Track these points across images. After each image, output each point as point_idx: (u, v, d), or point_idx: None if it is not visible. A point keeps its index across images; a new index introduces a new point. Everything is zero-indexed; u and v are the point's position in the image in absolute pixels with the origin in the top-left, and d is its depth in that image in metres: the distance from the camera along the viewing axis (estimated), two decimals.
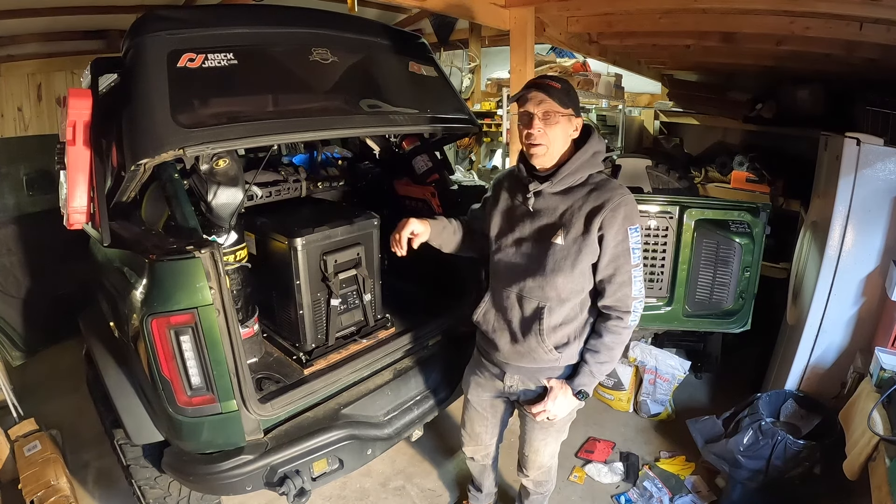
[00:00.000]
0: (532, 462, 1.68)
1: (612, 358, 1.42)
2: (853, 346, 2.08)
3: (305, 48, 1.75)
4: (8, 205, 2.88)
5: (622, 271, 1.35)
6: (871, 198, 1.96)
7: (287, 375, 1.82)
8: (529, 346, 1.43)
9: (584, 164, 1.36)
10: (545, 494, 1.85)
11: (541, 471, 1.71)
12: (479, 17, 2.23)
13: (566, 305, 1.39)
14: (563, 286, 1.36)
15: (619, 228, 1.32)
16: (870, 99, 2.74)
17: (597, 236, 1.33)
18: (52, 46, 3.65)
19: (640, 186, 2.70)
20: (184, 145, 1.41)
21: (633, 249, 1.34)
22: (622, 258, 1.34)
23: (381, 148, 2.53)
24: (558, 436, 1.63)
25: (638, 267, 1.36)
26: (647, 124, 4.96)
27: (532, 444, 1.64)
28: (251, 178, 2.02)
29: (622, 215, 1.31)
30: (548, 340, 1.40)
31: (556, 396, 1.42)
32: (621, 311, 1.37)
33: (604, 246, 1.33)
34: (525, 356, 1.45)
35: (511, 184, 1.49)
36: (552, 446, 1.65)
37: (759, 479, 1.91)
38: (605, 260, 1.34)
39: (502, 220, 1.48)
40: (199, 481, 1.55)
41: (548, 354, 1.41)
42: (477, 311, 1.55)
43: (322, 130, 1.69)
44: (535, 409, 1.45)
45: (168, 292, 1.37)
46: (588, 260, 1.35)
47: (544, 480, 1.78)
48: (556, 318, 1.40)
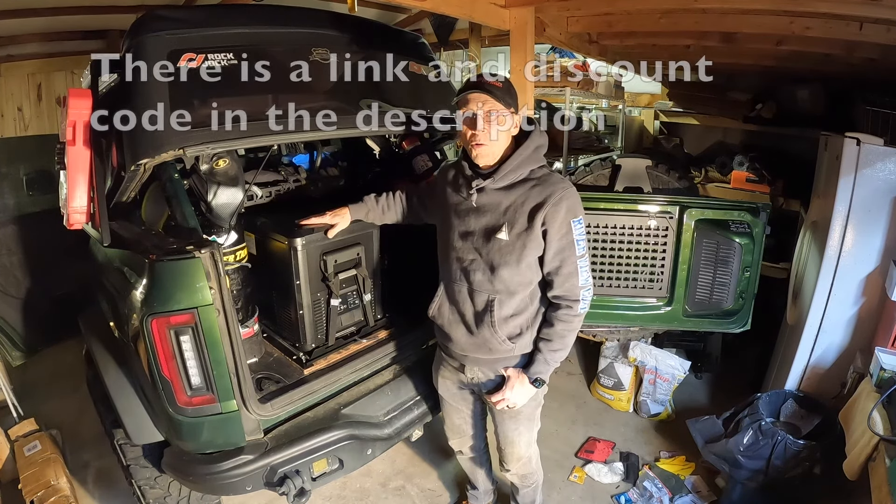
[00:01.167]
0: (510, 455, 1.70)
1: (564, 345, 1.46)
2: (853, 346, 2.08)
3: (305, 48, 1.74)
4: (8, 205, 2.87)
5: (568, 263, 1.39)
6: (871, 198, 1.96)
7: (287, 375, 1.82)
8: (484, 338, 1.47)
9: (526, 159, 1.39)
10: (533, 487, 1.86)
11: (520, 462, 1.72)
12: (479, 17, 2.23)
13: (516, 297, 1.43)
14: (510, 279, 1.41)
15: (563, 222, 1.35)
16: (870, 99, 2.74)
17: (541, 231, 1.36)
18: (52, 46, 3.64)
19: (640, 186, 2.69)
20: (184, 145, 1.42)
21: (578, 241, 1.38)
22: (567, 250, 1.38)
23: (381, 148, 2.53)
24: (530, 424, 1.65)
25: (583, 257, 1.40)
26: (647, 124, 4.96)
27: (506, 436, 1.66)
28: (251, 178, 2.02)
29: (564, 209, 1.35)
30: (500, 331, 1.44)
31: (514, 385, 1.46)
32: (570, 301, 1.41)
33: (548, 239, 1.37)
34: (481, 347, 1.49)
35: (455, 178, 1.52)
36: (525, 436, 1.66)
37: (759, 479, 1.91)
38: (551, 253, 1.38)
39: (448, 216, 1.51)
40: (199, 481, 1.55)
41: (502, 345, 1.46)
42: (432, 305, 1.58)
43: (322, 130, 1.69)
44: (494, 399, 1.50)
45: (168, 292, 1.37)
46: (534, 253, 1.39)
47: (528, 473, 1.79)
48: (507, 310, 1.44)
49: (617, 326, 2.63)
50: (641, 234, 2.32)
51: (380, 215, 1.77)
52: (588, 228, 2.32)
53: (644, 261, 2.34)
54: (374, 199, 1.76)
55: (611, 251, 2.34)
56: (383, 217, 1.78)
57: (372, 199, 1.76)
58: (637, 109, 5.08)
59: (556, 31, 2.78)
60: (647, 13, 2.48)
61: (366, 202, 1.76)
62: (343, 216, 1.74)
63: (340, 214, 1.74)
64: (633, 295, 2.39)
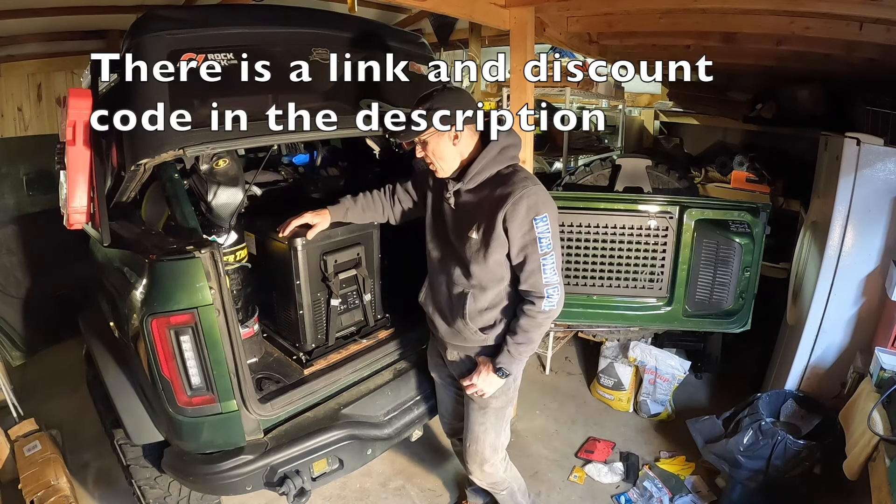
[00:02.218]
0: (473, 453, 1.69)
1: (528, 340, 1.48)
2: (853, 346, 2.08)
3: (305, 48, 1.74)
4: (8, 205, 2.87)
5: (531, 260, 1.41)
6: (871, 198, 1.96)
7: (287, 375, 1.82)
8: (458, 328, 1.55)
9: (491, 161, 1.43)
10: (508, 492, 1.82)
11: (484, 465, 1.70)
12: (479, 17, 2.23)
13: (488, 292, 1.49)
14: (481, 275, 1.47)
15: (524, 220, 1.38)
16: (870, 99, 2.74)
17: (502, 229, 1.40)
18: (52, 46, 3.64)
19: (640, 186, 2.69)
20: (184, 145, 1.42)
21: (540, 238, 1.39)
22: (529, 248, 1.40)
23: (381, 148, 2.53)
24: (497, 423, 1.66)
25: (548, 255, 1.41)
26: (647, 124, 4.96)
27: (472, 430, 1.68)
28: (251, 178, 2.02)
29: (524, 207, 1.37)
30: (471, 323, 1.52)
31: (481, 371, 1.53)
32: (535, 297, 1.44)
33: (510, 237, 1.41)
34: (456, 336, 1.58)
35: (436, 181, 1.58)
36: (491, 435, 1.66)
37: (759, 479, 1.91)
38: (514, 250, 1.42)
39: (431, 215, 1.61)
40: (199, 481, 1.55)
41: (474, 336, 1.54)
42: (420, 294, 1.69)
43: (322, 130, 1.69)
44: (465, 383, 1.58)
45: (168, 292, 1.37)
46: (499, 251, 1.43)
47: (497, 481, 1.77)
48: (481, 304, 1.51)
49: (617, 326, 2.63)
50: (641, 234, 2.32)
51: (360, 213, 1.78)
52: (588, 228, 2.33)
53: (644, 261, 2.34)
54: (350, 198, 1.77)
55: (611, 251, 2.34)
56: (364, 215, 1.79)
57: (349, 198, 1.77)
58: (637, 109, 5.07)
59: (556, 31, 2.78)
60: (647, 13, 2.48)
61: (343, 202, 1.76)
62: (323, 216, 1.75)
63: (321, 215, 1.75)
64: (633, 295, 2.39)
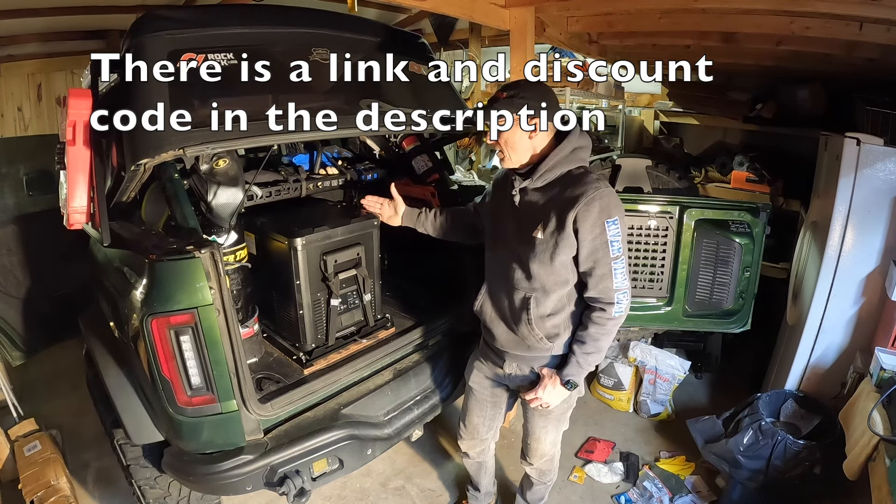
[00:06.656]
0: (534, 450, 1.72)
1: (597, 349, 1.44)
2: (853, 346, 2.08)
3: (305, 48, 1.74)
4: (8, 205, 2.88)
5: (602, 264, 1.37)
6: (871, 198, 1.96)
7: (287, 375, 1.82)
8: (522, 335, 1.49)
9: (562, 160, 1.39)
10: (547, 485, 1.88)
11: (543, 459, 1.74)
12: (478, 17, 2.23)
13: (552, 296, 1.44)
14: (545, 278, 1.42)
15: (595, 222, 1.34)
16: (870, 99, 2.74)
17: (572, 230, 1.35)
18: (52, 46, 3.64)
19: (640, 186, 2.70)
20: (184, 145, 1.41)
21: (612, 242, 1.36)
22: (600, 251, 1.36)
23: (380, 148, 2.53)
24: (558, 424, 1.68)
25: (619, 259, 1.37)
26: (647, 124, 4.96)
27: (533, 433, 1.69)
28: (251, 178, 2.02)
29: (597, 209, 1.33)
30: (537, 329, 1.46)
31: (546, 385, 1.48)
32: (604, 303, 1.40)
33: (580, 240, 1.36)
34: (520, 344, 1.52)
35: (502, 182, 1.56)
36: (552, 434, 1.69)
37: (759, 479, 1.91)
38: (584, 253, 1.37)
39: (494, 217, 1.57)
40: (199, 481, 1.55)
41: (539, 343, 1.47)
42: (476, 301, 1.63)
43: (322, 130, 1.69)
44: (528, 397, 1.52)
45: (168, 292, 1.37)
46: (567, 253, 1.38)
47: (547, 470, 1.81)
48: (545, 309, 1.45)
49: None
50: (641, 234, 2.32)
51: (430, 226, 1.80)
52: None
53: (644, 261, 2.34)
54: (426, 211, 1.80)
55: None
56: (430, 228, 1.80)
57: (426, 210, 1.80)
58: (637, 109, 5.07)
59: (556, 31, 2.78)
60: (647, 13, 2.48)
61: (422, 210, 1.79)
62: (399, 211, 1.78)
63: (398, 211, 1.78)
64: (633, 295, 2.39)
